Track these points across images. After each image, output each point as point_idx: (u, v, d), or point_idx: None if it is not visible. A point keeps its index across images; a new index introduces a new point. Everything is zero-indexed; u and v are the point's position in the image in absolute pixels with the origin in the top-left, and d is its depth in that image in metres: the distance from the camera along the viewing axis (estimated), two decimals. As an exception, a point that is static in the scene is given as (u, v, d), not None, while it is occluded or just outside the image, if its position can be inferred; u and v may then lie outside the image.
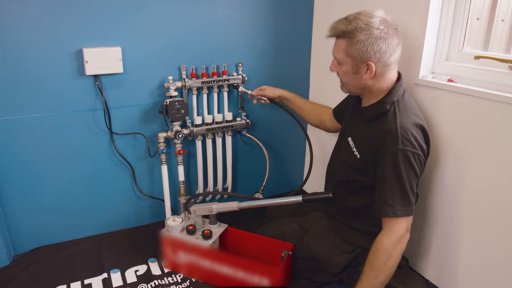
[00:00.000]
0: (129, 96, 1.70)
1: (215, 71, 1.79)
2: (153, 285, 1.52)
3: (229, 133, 1.91)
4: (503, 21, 1.38)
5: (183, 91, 1.75)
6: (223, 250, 1.62)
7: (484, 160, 1.26)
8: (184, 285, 1.52)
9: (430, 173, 1.46)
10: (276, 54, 1.95)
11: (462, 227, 1.38)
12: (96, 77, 1.61)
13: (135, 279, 1.55)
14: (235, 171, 2.05)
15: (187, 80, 1.72)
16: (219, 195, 2.04)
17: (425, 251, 1.55)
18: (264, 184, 1.95)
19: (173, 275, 1.57)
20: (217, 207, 1.57)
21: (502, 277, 1.27)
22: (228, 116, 1.87)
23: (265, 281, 1.40)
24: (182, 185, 1.86)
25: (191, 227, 1.56)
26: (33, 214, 1.69)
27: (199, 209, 1.61)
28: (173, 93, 1.69)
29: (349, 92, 1.37)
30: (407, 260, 1.57)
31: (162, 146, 1.75)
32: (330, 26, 1.24)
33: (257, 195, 1.92)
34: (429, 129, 1.29)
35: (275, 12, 1.87)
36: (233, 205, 1.52)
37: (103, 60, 1.57)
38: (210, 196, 2.00)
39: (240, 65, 1.84)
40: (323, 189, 1.58)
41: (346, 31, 1.19)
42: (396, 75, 1.28)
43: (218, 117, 1.84)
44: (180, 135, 1.74)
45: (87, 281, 1.54)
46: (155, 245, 1.63)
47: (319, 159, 2.05)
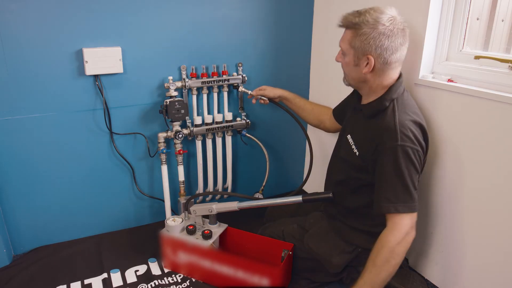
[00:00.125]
0: (129, 96, 1.70)
1: (215, 71, 1.79)
2: (153, 285, 1.52)
3: (229, 133, 1.91)
4: (503, 21, 1.38)
5: (183, 91, 1.76)
6: (223, 250, 1.62)
7: (484, 160, 1.26)
8: (184, 285, 1.52)
9: (430, 172, 1.46)
10: (276, 54, 1.95)
11: (462, 227, 1.38)
12: (96, 77, 1.61)
13: (135, 279, 1.55)
14: (235, 171, 2.05)
15: (187, 80, 1.72)
16: (219, 195, 2.04)
17: (425, 251, 1.55)
18: (264, 184, 1.95)
19: (173, 275, 1.57)
20: (217, 207, 1.57)
21: (502, 277, 1.27)
22: (228, 116, 1.87)
23: (265, 281, 1.40)
24: (182, 185, 1.86)
25: (191, 227, 1.56)
26: (33, 214, 1.69)
27: (199, 209, 1.61)
28: (173, 93, 1.69)
29: (349, 85, 1.38)
30: (407, 260, 1.57)
31: (162, 146, 1.75)
32: (342, 16, 1.27)
33: (257, 195, 1.92)
34: (428, 129, 1.29)
35: (275, 12, 1.87)
36: (233, 205, 1.52)
37: (103, 60, 1.57)
38: (210, 196, 2.00)
39: (240, 65, 1.84)
40: (323, 189, 1.58)
41: (354, 22, 1.22)
42: (397, 75, 1.29)
43: (218, 117, 1.84)
44: (180, 135, 1.74)
45: (87, 281, 1.54)
46: (155, 245, 1.63)
47: (319, 159, 2.05)
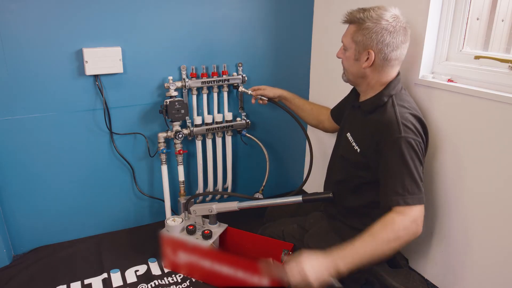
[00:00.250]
0: (129, 96, 1.70)
1: (215, 71, 1.79)
2: (153, 285, 1.52)
3: (229, 133, 1.91)
4: (503, 21, 1.38)
5: (183, 91, 1.75)
6: (223, 250, 1.62)
7: (484, 160, 1.26)
8: (184, 285, 1.52)
9: (430, 172, 1.46)
10: (276, 54, 1.95)
11: (462, 227, 1.38)
12: (96, 77, 1.61)
13: (135, 279, 1.54)
14: (235, 171, 2.05)
15: (187, 80, 1.72)
16: (219, 195, 2.04)
17: (425, 251, 1.55)
18: (264, 184, 1.95)
19: (173, 275, 1.57)
20: (217, 207, 1.57)
21: (502, 277, 1.27)
22: (228, 116, 1.87)
23: (265, 281, 1.40)
24: (182, 185, 1.86)
25: (191, 227, 1.56)
26: (33, 214, 1.69)
27: (199, 209, 1.61)
28: (173, 93, 1.69)
29: (348, 81, 1.39)
30: (407, 260, 1.57)
31: (162, 146, 1.75)
32: (347, 12, 1.29)
33: (257, 195, 1.92)
34: (428, 129, 1.29)
35: (275, 12, 1.87)
36: (233, 205, 1.52)
37: (103, 60, 1.57)
38: (210, 196, 2.00)
39: (240, 65, 1.84)
40: (323, 189, 1.58)
41: (358, 17, 1.24)
42: (395, 73, 1.30)
43: (218, 117, 1.84)
44: (180, 135, 1.74)
45: (87, 281, 1.54)
46: (155, 245, 1.63)
47: (319, 159, 2.05)
